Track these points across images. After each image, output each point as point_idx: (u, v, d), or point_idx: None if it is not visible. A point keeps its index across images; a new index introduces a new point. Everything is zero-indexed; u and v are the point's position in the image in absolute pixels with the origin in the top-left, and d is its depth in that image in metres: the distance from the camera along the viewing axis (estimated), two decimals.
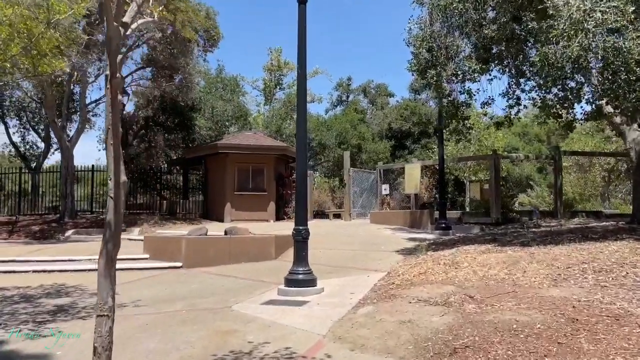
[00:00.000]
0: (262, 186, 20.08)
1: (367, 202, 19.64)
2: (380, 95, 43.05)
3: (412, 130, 37.21)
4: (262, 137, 21.75)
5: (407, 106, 37.71)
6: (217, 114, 25.45)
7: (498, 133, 25.52)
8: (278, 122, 29.29)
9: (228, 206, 19.62)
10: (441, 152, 13.61)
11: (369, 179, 19.80)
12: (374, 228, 14.86)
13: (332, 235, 12.86)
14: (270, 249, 10.11)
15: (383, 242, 11.46)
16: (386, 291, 6.28)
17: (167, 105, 23.16)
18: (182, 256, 9.63)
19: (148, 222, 18.33)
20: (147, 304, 6.15)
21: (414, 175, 15.70)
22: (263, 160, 20.09)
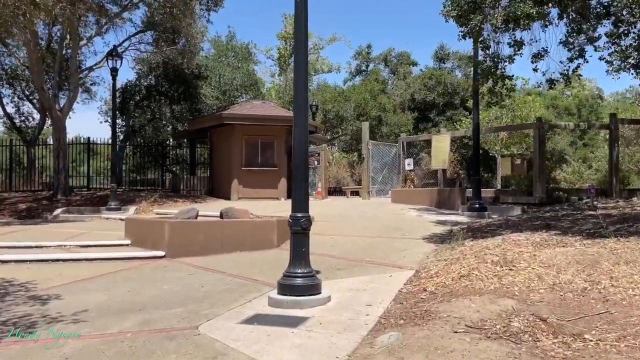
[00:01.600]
0: (272, 161, 18.42)
1: (388, 178, 17.86)
2: (403, 64, 40.68)
3: (437, 102, 34.96)
4: (272, 107, 20.00)
5: (432, 75, 35.37)
6: (225, 83, 23.74)
7: (534, 102, 23.34)
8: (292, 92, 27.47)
9: (235, 183, 18.05)
10: (476, 118, 11.71)
11: (390, 153, 17.97)
12: (396, 208, 13.13)
13: (347, 217, 11.19)
14: (271, 236, 8.48)
15: (407, 227, 9.74)
16: (416, 303, 4.59)
17: (171, 72, 21.54)
18: (165, 244, 8.07)
19: (147, 199, 16.87)
20: (90, 317, 4.58)
21: (443, 148, 13.84)
22: (273, 133, 18.38)
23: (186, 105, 22.67)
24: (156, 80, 22.34)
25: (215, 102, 23.34)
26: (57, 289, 5.84)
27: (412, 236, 8.74)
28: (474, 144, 11.76)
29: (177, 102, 22.50)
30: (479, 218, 11.14)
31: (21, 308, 4.95)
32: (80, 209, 15.54)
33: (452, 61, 40.51)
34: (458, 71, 40.04)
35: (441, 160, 13.92)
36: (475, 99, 11.75)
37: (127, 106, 22.28)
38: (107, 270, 7.05)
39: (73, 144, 19.78)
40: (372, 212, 12.43)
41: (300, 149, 5.07)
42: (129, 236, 9.23)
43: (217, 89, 23.56)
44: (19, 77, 21.13)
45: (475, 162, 11.75)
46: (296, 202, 5.06)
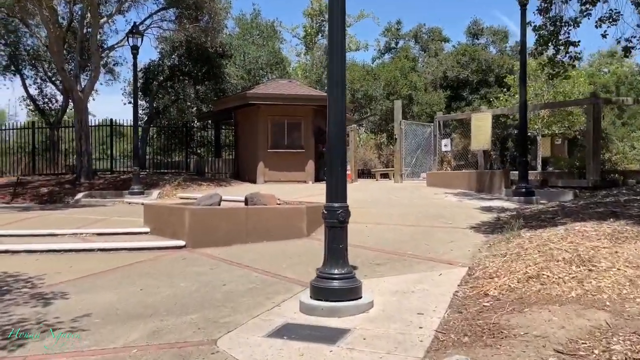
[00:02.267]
0: (299, 142, 17.69)
1: (422, 160, 16.92)
2: (434, 40, 39.14)
3: (471, 79, 33.48)
4: (299, 86, 19.17)
5: (465, 51, 33.83)
6: (250, 61, 22.96)
7: (579, 78, 21.87)
8: (319, 71, 26.52)
9: (261, 165, 17.42)
10: (523, 95, 10.67)
11: (424, 134, 16.99)
12: (433, 192, 12.25)
13: (381, 203, 10.38)
14: (300, 224, 7.75)
15: (449, 214, 8.88)
16: (479, 313, 3.80)
17: (194, 51, 20.88)
18: (186, 232, 7.44)
19: (171, 183, 16.40)
20: (93, 325, 3.95)
21: (484, 128, 12.82)
22: (300, 113, 17.61)
23: (210, 85, 22.04)
24: (179, 60, 21.74)
25: (240, 81, 22.62)
26: (64, 286, 5.26)
27: (456, 225, 7.89)
28: (521, 123, 10.74)
29: (201, 82, 21.87)
30: (526, 204, 10.21)
31: (19, 310, 4.35)
32: (102, 193, 15.15)
33: (486, 37, 38.76)
34: (492, 47, 38.32)
35: (482, 141, 12.91)
36: (522, 73, 10.70)
37: (150, 87, 21.79)
38: (121, 262, 6.46)
39: (96, 126, 19.38)
40: (407, 196, 11.59)
41: (336, 127, 4.28)
42: (148, 223, 8.65)
43: (241, 68, 22.82)
44: (41, 58, 20.80)
45: (522, 142, 10.75)
46: (332, 190, 4.30)
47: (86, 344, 3.50)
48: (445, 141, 14.01)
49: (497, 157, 31.05)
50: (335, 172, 4.25)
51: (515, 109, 12.84)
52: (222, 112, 19.65)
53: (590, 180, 10.90)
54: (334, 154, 4.27)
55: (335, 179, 4.26)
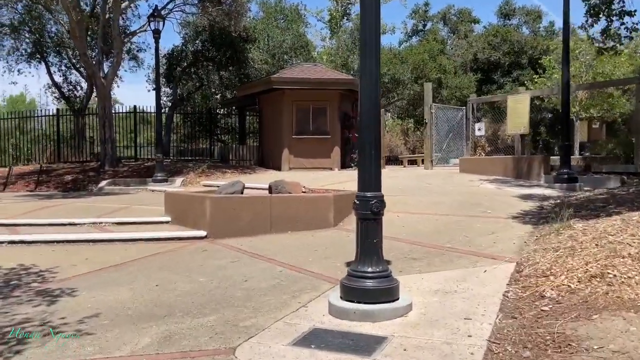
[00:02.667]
0: (325, 128, 17.18)
1: (453, 145, 16.23)
2: (464, 21, 37.87)
3: (502, 61, 32.28)
4: (324, 70, 18.61)
5: (497, 32, 32.59)
6: (274, 46, 22.45)
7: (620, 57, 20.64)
8: (344, 55, 25.84)
9: (286, 152, 17.00)
10: (566, 74, 9.91)
11: (455, 118, 16.27)
12: (467, 179, 11.62)
13: (412, 190, 9.83)
14: (327, 213, 7.29)
15: (487, 202, 8.29)
16: (537, 319, 3.28)
17: (217, 36, 20.48)
18: (207, 222, 7.07)
19: (195, 170, 16.14)
20: (100, 327, 3.58)
21: (521, 110, 12.09)
22: (325, 97, 17.07)
23: (234, 71, 21.63)
24: (203, 45, 21.37)
25: (264, 66, 22.16)
26: (76, 280, 4.93)
27: (495, 214, 7.32)
28: (564, 104, 10.00)
29: (225, 67, 21.49)
30: (570, 191, 9.52)
31: (24, 309, 4.03)
32: (126, 181, 14.98)
33: (519, 17, 37.30)
34: (525, 28, 36.87)
35: (519, 124, 12.18)
36: (565, 50, 9.92)
37: (174, 73, 21.52)
38: (139, 254, 6.12)
39: (120, 113, 19.23)
40: (439, 184, 11.00)
41: (369, 104, 3.77)
42: (169, 212, 8.32)
43: (265, 52, 22.34)
44: (65, 45, 20.71)
45: (565, 125, 10.02)
46: (364, 177, 3.81)
47: (89, 351, 3.12)
48: (479, 125, 13.31)
49: (529, 143, 29.98)
50: (368, 157, 3.75)
51: (555, 90, 12.05)
52: (246, 98, 19.26)
53: (638, 166, 10.12)
54: (366, 136, 3.77)
55: (369, 165, 3.77)
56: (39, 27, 20.07)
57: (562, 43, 10.01)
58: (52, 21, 20.08)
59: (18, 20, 19.52)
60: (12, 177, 15.02)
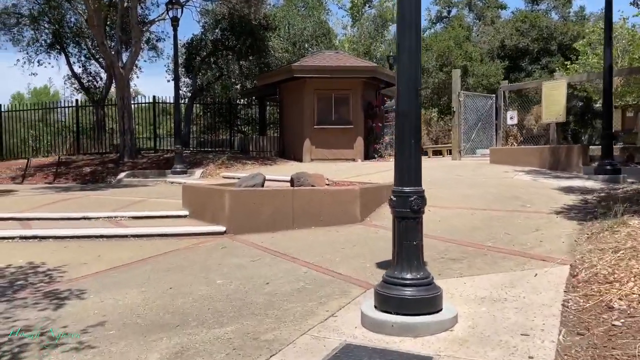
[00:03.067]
0: (348, 118, 16.70)
1: (482, 135, 15.58)
2: (490, 7, 36.77)
3: (531, 48, 31.21)
4: (346, 57, 18.08)
5: (526, 18, 31.50)
6: (295, 34, 21.96)
7: None
8: (367, 42, 25.21)
9: (307, 143, 16.58)
10: (608, 57, 9.22)
11: (485, 106, 15.60)
12: (499, 170, 11.03)
13: (442, 182, 9.31)
14: (353, 207, 6.85)
15: (525, 195, 7.74)
16: (610, 338, 2.80)
17: (237, 24, 20.07)
18: (226, 217, 6.69)
19: (215, 162, 15.87)
20: (105, 339, 3.21)
21: (557, 97, 11.41)
22: (348, 86, 16.57)
23: (254, 60, 21.23)
24: (222, 34, 21.00)
25: (285, 54, 21.71)
26: (85, 281, 4.60)
27: (536, 208, 6.78)
28: (606, 90, 9.32)
29: (245, 56, 21.09)
30: (613, 183, 8.90)
31: (26, 314, 3.69)
32: (145, 173, 14.76)
33: (547, 2, 36.03)
34: (554, 13, 35.60)
35: (555, 112, 11.50)
36: (607, 28, 9.22)
37: (193, 63, 21.22)
38: (154, 251, 5.78)
39: (139, 104, 19.02)
40: (470, 175, 10.44)
41: (408, 87, 3.28)
42: (187, 206, 7.99)
43: (286, 41, 21.88)
44: (84, 35, 20.57)
45: (607, 112, 9.35)
46: (402, 170, 3.34)
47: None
48: (512, 113, 12.65)
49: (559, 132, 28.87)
50: (407, 147, 3.28)
51: (594, 76, 11.35)
52: (267, 88, 18.86)
53: None
54: (404, 123, 3.29)
55: (407, 155, 3.29)
56: (58, 17, 19.96)
57: (604, 20, 9.31)
58: (71, 11, 19.93)
59: (37, 10, 19.42)
60: (31, 169, 14.93)
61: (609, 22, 9.28)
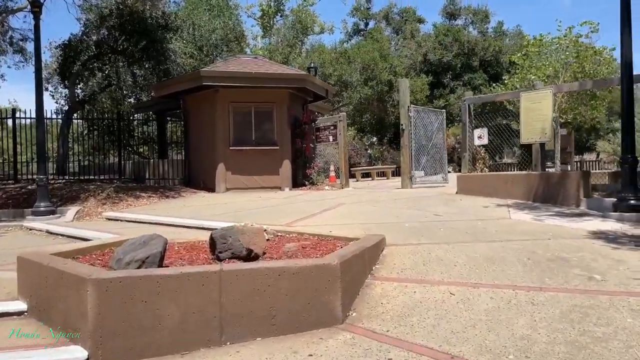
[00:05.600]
0: (272, 137, 13.86)
1: (433, 158, 13.45)
2: (408, 21, 35.89)
3: (454, 63, 30.44)
4: (268, 64, 15.28)
5: (448, 31, 30.74)
6: (202, 36, 18.78)
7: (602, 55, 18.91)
8: (285, 51, 22.60)
9: (221, 168, 13.48)
10: (629, 53, 7.25)
11: (433, 124, 13.51)
12: (478, 205, 8.72)
13: (424, 229, 6.71)
14: (329, 297, 3.94)
15: (571, 254, 5.30)
16: None
17: (128, 22, 16.53)
18: (89, 329, 3.50)
19: (97, 195, 12.24)
20: None
21: (541, 111, 9.41)
22: (271, 98, 13.77)
23: (151, 67, 17.71)
24: (109, 33, 17.31)
25: (190, 60, 18.43)
26: None
27: (616, 282, 4.32)
28: (625, 97, 7.33)
29: (139, 61, 17.53)
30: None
31: None
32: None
33: (465, 17, 35.90)
34: (472, 28, 35.49)
35: (538, 130, 9.48)
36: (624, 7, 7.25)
37: (70, 68, 17.25)
38: None
39: None
40: (449, 214, 7.99)
41: None
42: (26, 292, 4.63)
43: (191, 44, 18.62)
44: None
45: (628, 128, 7.34)
46: None
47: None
48: (480, 131, 10.55)
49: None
50: None
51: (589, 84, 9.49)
52: (168, 99, 15.50)
53: None
54: None
55: None
56: None
57: (621, 12, 7.33)
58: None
59: None
60: None
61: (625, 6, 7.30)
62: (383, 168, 22.17)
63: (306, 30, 25.97)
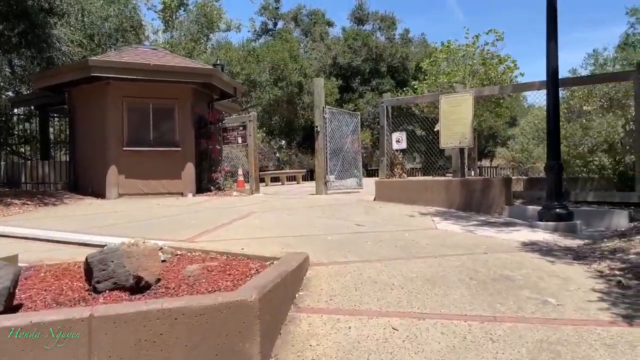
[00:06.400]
0: (173, 137, 12.56)
1: (349, 162, 12.87)
2: (317, 24, 35.57)
3: (362, 68, 30.50)
4: (170, 56, 13.90)
5: (357, 35, 30.75)
6: (93, 24, 16.86)
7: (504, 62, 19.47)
8: (189, 46, 21.10)
9: (113, 171, 11.95)
10: (554, 59, 7.03)
11: (349, 126, 12.95)
12: (401, 214, 8.17)
13: (351, 243, 5.96)
14: (245, 345, 2.99)
15: (511, 270, 4.78)
16: None
17: (3, 3, 14.29)
18: None
19: None
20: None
21: (461, 115, 9.10)
22: (173, 94, 12.47)
23: (30, 54, 15.51)
24: None
25: (78, 49, 16.42)
26: None
27: (573, 308, 3.80)
28: (551, 105, 7.10)
29: (17, 48, 15.26)
30: (571, 233, 6.64)
31: None
32: None
33: (372, 23, 36.25)
34: (379, 34, 35.92)
35: (459, 135, 9.16)
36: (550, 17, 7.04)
37: None
38: None
39: None
40: (369, 222, 7.33)
41: None
42: None
43: (80, 31, 16.62)
44: None
45: (554, 134, 7.10)
46: None
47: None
48: (399, 135, 10.08)
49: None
50: None
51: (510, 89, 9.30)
52: (52, 93, 13.59)
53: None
54: None
55: None
56: None
57: (547, 14, 7.10)
58: None
59: None
60: None
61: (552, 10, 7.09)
62: (294, 172, 21.43)
63: (212, 25, 24.60)
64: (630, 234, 6.11)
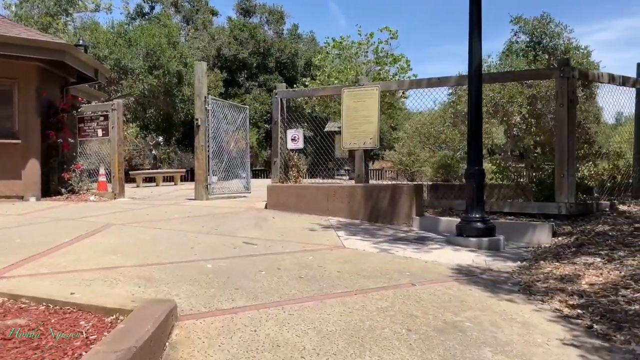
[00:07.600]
0: (10, 127, 10.14)
1: (235, 163, 11.30)
2: (200, 11, 33.21)
3: (249, 62, 28.84)
4: (10, 24, 11.26)
5: (244, 27, 29.01)
6: None
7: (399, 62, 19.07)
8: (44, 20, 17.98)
9: None
10: (478, 53, 6.15)
11: (236, 121, 11.40)
12: (300, 227, 6.86)
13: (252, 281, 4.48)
14: None
15: (454, 314, 3.63)
16: None
17: None
18: None
19: None
20: None
21: (367, 111, 8.01)
22: (12, 73, 10.05)
23: None
24: None
25: None
26: None
27: None
28: (472, 102, 6.21)
29: None
30: (494, 251, 5.81)
31: None
32: None
33: (260, 15, 34.71)
34: (267, 28, 34.46)
35: (363, 134, 8.06)
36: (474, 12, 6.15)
37: None
38: None
39: None
40: (262, 239, 5.90)
41: None
42: None
43: None
44: None
45: (475, 137, 6.21)
46: None
47: None
48: (294, 133, 8.74)
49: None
50: None
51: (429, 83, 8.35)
52: None
53: (562, 205, 7.06)
54: None
55: None
56: None
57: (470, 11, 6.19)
58: None
59: None
60: None
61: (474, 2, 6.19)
62: (171, 172, 19.24)
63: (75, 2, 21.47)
64: (565, 254, 5.34)
